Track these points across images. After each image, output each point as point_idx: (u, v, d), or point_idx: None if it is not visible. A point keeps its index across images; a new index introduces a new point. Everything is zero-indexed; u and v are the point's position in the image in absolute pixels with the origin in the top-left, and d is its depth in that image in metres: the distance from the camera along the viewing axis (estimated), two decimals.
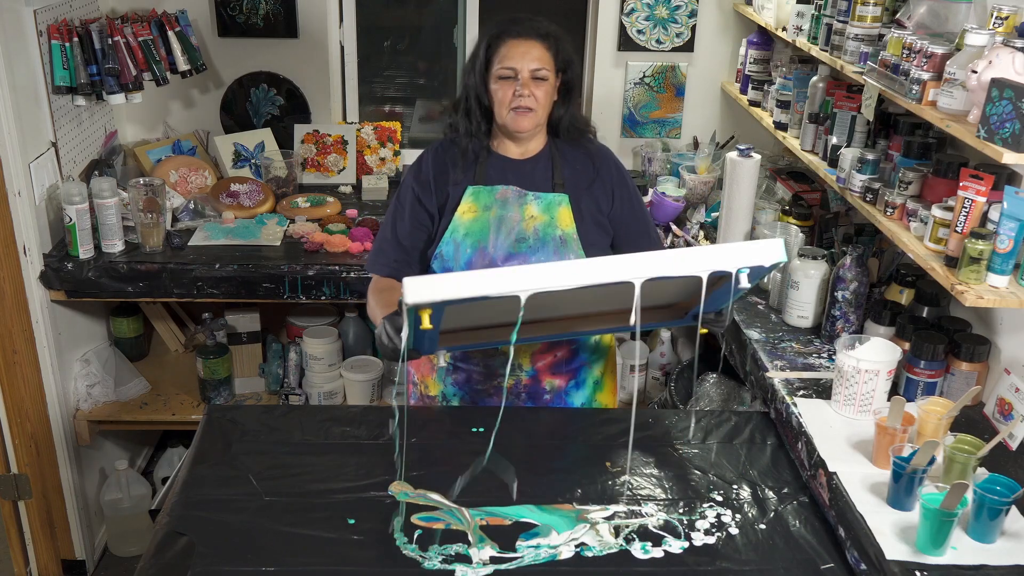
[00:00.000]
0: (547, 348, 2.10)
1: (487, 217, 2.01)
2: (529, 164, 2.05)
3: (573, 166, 2.06)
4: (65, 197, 2.61)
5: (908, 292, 2.23)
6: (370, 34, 3.54)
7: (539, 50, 1.95)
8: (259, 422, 2.01)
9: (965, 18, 2.01)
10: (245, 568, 1.59)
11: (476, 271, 1.71)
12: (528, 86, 1.93)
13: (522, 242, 2.00)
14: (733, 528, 1.72)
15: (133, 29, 2.84)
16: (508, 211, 2.01)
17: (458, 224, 2.02)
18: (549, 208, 2.01)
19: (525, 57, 1.94)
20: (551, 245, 2.00)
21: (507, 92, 1.95)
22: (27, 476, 2.72)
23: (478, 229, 2.01)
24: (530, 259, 1.99)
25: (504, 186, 2.02)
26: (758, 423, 2.07)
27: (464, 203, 2.02)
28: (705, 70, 3.41)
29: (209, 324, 2.95)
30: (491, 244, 2.00)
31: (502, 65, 1.94)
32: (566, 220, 2.01)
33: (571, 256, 2.01)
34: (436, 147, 2.11)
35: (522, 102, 1.94)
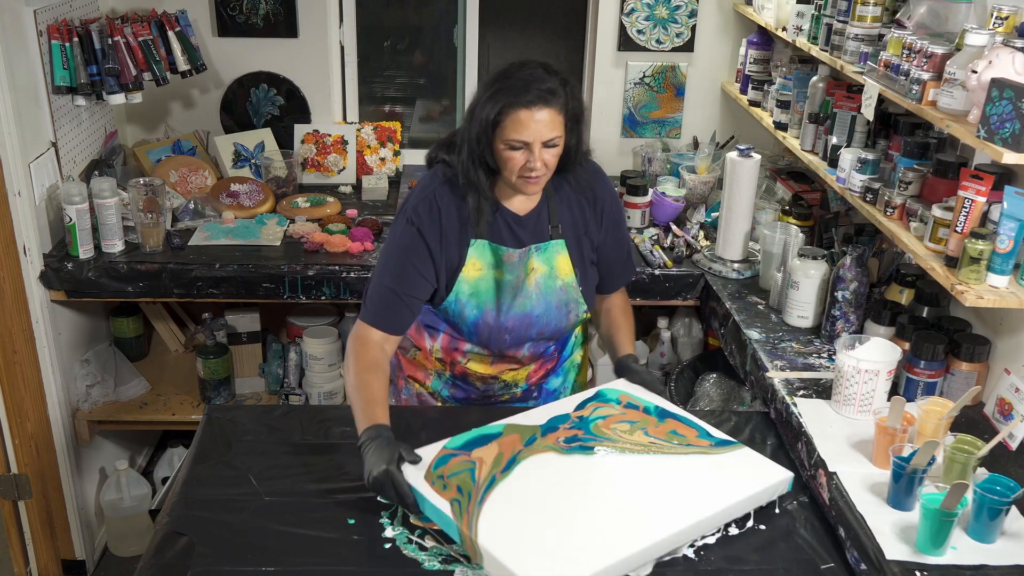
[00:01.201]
0: (540, 366, 2.11)
1: (492, 278, 1.95)
2: (533, 216, 1.97)
3: (570, 207, 1.99)
4: (65, 197, 2.61)
5: (908, 292, 2.23)
6: (370, 34, 3.54)
7: (548, 116, 1.79)
8: (259, 422, 2.01)
9: (965, 18, 2.01)
10: (245, 568, 1.59)
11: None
12: (540, 157, 1.81)
13: (527, 300, 1.96)
14: (733, 528, 1.72)
15: (133, 29, 2.84)
16: (515, 274, 1.95)
17: (463, 283, 1.94)
18: (549, 258, 1.97)
19: (537, 128, 1.78)
20: (553, 297, 1.98)
21: (518, 161, 1.82)
22: (27, 476, 2.72)
23: (484, 290, 1.95)
24: (534, 315, 1.97)
25: (511, 249, 1.94)
26: (758, 423, 2.07)
27: (469, 260, 1.93)
28: (705, 70, 3.41)
29: (209, 324, 2.95)
30: (497, 308, 1.96)
31: (512, 137, 1.79)
32: (565, 268, 1.98)
33: (572, 303, 2.00)
34: (437, 191, 1.92)
35: (533, 174, 1.83)
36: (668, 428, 1.88)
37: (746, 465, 1.79)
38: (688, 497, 1.67)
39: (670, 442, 1.83)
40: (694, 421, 1.91)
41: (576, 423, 1.85)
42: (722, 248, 2.67)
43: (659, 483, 1.71)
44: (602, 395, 1.97)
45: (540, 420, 1.85)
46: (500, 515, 1.57)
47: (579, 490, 1.67)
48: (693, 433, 1.87)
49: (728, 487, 1.71)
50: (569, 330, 2.07)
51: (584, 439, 1.81)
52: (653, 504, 1.65)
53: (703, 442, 1.85)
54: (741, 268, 2.64)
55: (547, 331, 2.01)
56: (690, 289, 2.70)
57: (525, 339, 2.01)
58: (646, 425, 1.87)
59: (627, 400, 1.95)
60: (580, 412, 1.90)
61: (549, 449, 1.76)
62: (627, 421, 1.87)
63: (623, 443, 1.80)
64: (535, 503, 1.62)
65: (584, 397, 1.95)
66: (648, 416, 1.91)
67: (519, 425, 1.82)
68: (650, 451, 1.79)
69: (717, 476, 1.74)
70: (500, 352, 2.04)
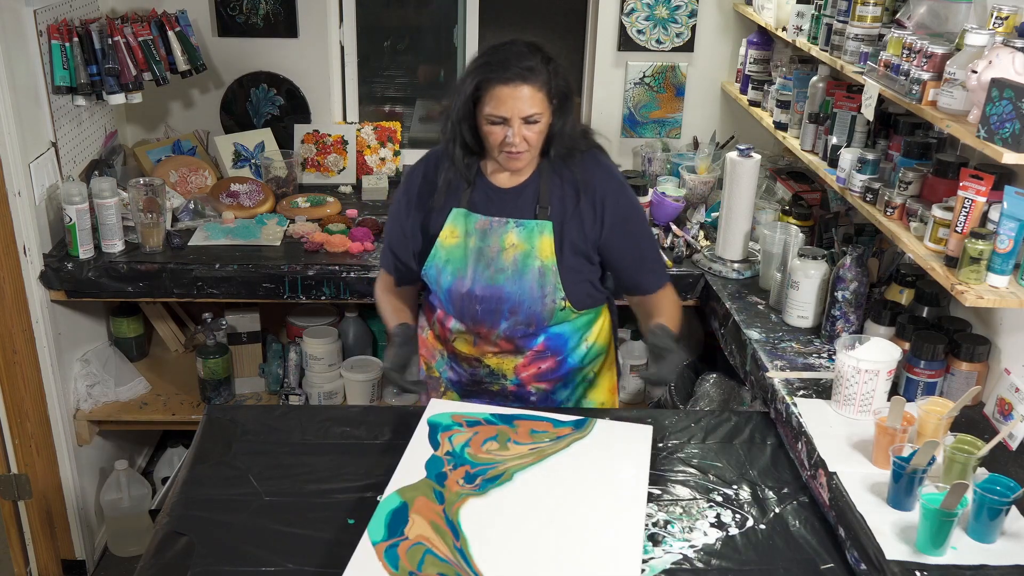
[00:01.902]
0: (530, 361, 2.09)
1: (467, 245, 1.99)
2: (515, 192, 1.99)
3: (561, 190, 1.98)
4: (65, 197, 2.61)
5: (908, 292, 2.23)
6: (370, 34, 3.54)
7: (528, 92, 1.82)
8: (259, 422, 2.02)
9: (965, 18, 2.01)
10: (245, 568, 1.59)
11: None
12: (519, 132, 1.85)
13: (500, 273, 1.98)
14: (733, 528, 1.72)
15: (133, 29, 2.84)
16: (487, 242, 1.98)
17: (440, 249, 2.00)
18: (530, 236, 1.97)
19: (515, 104, 1.82)
20: (529, 276, 1.98)
21: (498, 136, 1.87)
22: (27, 476, 2.72)
23: (458, 258, 2.00)
24: (506, 290, 1.98)
25: (485, 216, 1.98)
26: (758, 423, 2.07)
27: (447, 226, 2.00)
28: (705, 70, 3.41)
29: (209, 324, 2.95)
30: (469, 276, 1.99)
31: (491, 112, 1.84)
32: (546, 250, 1.97)
33: (548, 286, 1.98)
34: (429, 159, 2.06)
35: (513, 148, 1.87)
36: (526, 430, 1.87)
37: (618, 437, 1.86)
38: (620, 488, 1.72)
39: (543, 441, 1.83)
40: (537, 415, 1.92)
41: (453, 459, 1.78)
42: (722, 248, 2.67)
43: (583, 485, 1.73)
44: (437, 424, 1.89)
45: (419, 472, 1.74)
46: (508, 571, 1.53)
47: (538, 518, 1.64)
48: (548, 425, 1.88)
49: (630, 464, 1.78)
50: (547, 316, 2.02)
51: (481, 471, 1.74)
52: (606, 506, 1.68)
53: (565, 429, 1.87)
54: (741, 268, 2.64)
55: (521, 311, 2.00)
56: (690, 289, 2.70)
57: (497, 314, 2.01)
58: (508, 435, 1.85)
59: (464, 419, 1.90)
60: (442, 449, 1.81)
61: (466, 496, 1.68)
62: (489, 439, 1.83)
63: (513, 461, 1.77)
64: (521, 547, 1.57)
65: (424, 432, 1.86)
66: (497, 426, 1.88)
67: (411, 487, 1.70)
68: (542, 457, 1.78)
69: (611, 456, 1.80)
70: (476, 327, 2.05)
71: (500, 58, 1.84)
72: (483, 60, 1.87)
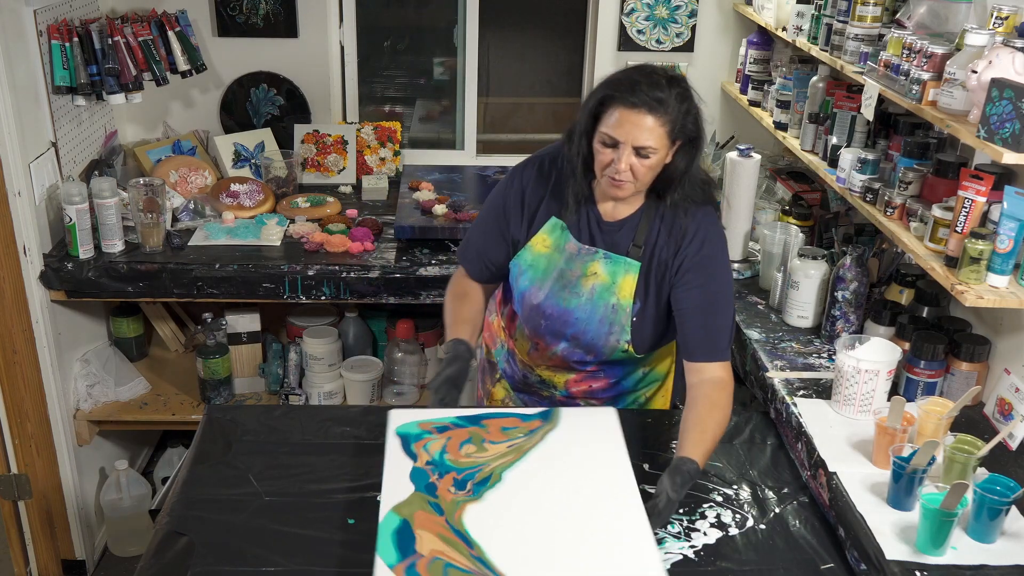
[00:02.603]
0: (583, 379, 2.05)
1: (553, 259, 1.94)
2: (617, 226, 1.91)
3: (659, 234, 1.89)
4: (65, 197, 2.61)
5: (908, 292, 2.23)
6: (370, 34, 3.54)
7: (650, 123, 1.72)
8: (259, 422, 2.02)
9: (965, 18, 2.01)
10: (245, 568, 1.59)
11: None
12: (626, 160, 1.75)
13: (575, 297, 1.93)
14: (733, 528, 1.72)
15: (133, 29, 2.84)
16: (571, 266, 1.93)
17: (527, 251, 1.96)
18: (615, 272, 1.90)
19: (631, 131, 1.72)
20: (602, 309, 1.92)
21: (606, 158, 1.77)
22: (27, 476, 2.72)
23: (541, 267, 1.95)
24: (575, 316, 1.94)
25: (577, 242, 1.92)
26: (758, 423, 2.07)
27: (542, 233, 1.94)
28: (705, 70, 3.41)
29: (209, 324, 2.95)
30: (545, 290, 1.95)
31: (606, 131, 1.75)
32: (626, 289, 1.89)
33: (617, 326, 1.92)
34: (539, 163, 1.97)
35: (617, 176, 1.77)
36: (497, 427, 1.82)
37: (585, 424, 1.83)
38: (606, 471, 1.70)
39: (517, 437, 1.79)
40: (501, 411, 1.89)
41: (436, 468, 1.71)
42: None
43: (571, 474, 1.71)
44: (407, 435, 1.79)
45: (406, 487, 1.67)
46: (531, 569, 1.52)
47: (541, 513, 1.62)
48: (517, 421, 1.83)
49: (608, 447, 1.76)
50: (608, 352, 1.96)
51: (469, 475, 1.70)
52: (601, 491, 1.66)
53: (534, 423, 1.83)
54: (741, 268, 2.64)
55: (583, 339, 1.96)
56: None
57: (560, 335, 1.98)
58: (481, 436, 1.80)
59: (432, 426, 1.81)
60: (421, 459, 1.73)
61: (463, 503, 1.64)
62: (464, 442, 1.78)
63: (495, 461, 1.74)
64: (536, 544, 1.56)
65: (397, 445, 1.76)
66: (467, 428, 1.82)
67: (405, 503, 1.65)
68: (523, 453, 1.75)
69: (587, 442, 1.78)
70: (536, 338, 2.01)
71: (633, 79, 1.75)
72: (615, 78, 1.79)
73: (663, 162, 1.80)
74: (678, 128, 1.76)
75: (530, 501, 1.66)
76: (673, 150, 1.80)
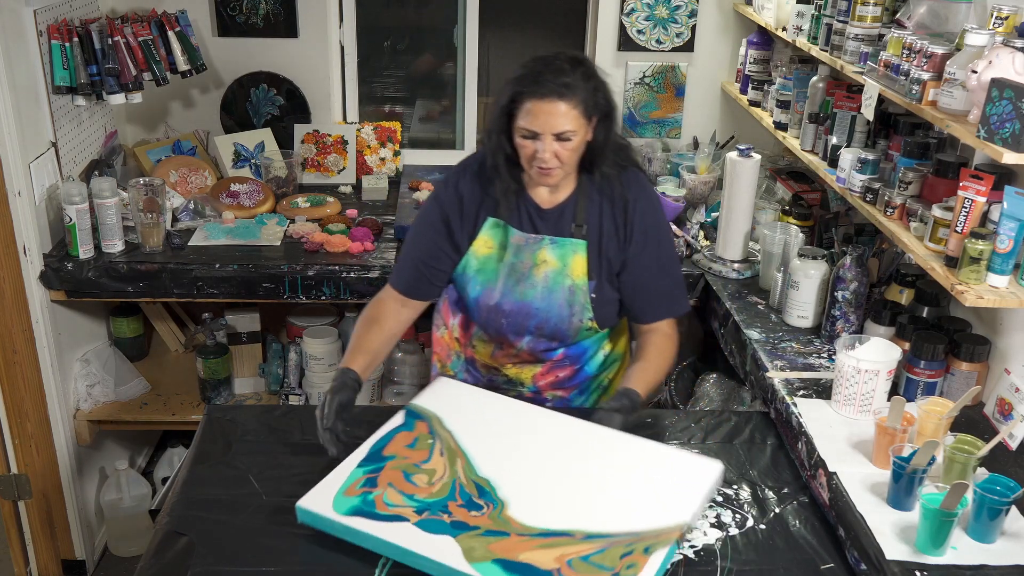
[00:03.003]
0: (548, 370, 2.08)
1: (500, 258, 1.97)
2: (556, 211, 1.96)
3: (599, 208, 1.95)
4: (65, 197, 2.61)
5: (908, 292, 2.23)
6: (370, 34, 3.54)
7: (563, 109, 1.79)
8: (259, 422, 2.02)
9: (965, 18, 2.01)
10: (245, 568, 1.59)
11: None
12: (550, 148, 1.81)
13: (530, 289, 1.96)
14: (733, 528, 1.72)
15: (133, 29, 2.84)
16: (520, 258, 1.96)
17: (472, 258, 1.99)
18: (564, 255, 1.95)
19: (547, 120, 1.79)
20: (559, 294, 1.96)
21: (529, 150, 1.84)
22: (27, 476, 2.72)
23: (490, 269, 1.98)
24: (534, 307, 1.96)
25: (521, 232, 1.96)
26: (758, 423, 2.07)
27: (482, 235, 1.98)
28: (705, 70, 3.41)
29: (209, 324, 2.95)
30: (498, 289, 1.98)
31: (523, 126, 1.81)
32: (578, 269, 1.95)
33: (577, 306, 1.96)
34: (471, 168, 2.00)
35: (543, 164, 1.83)
36: (402, 446, 1.79)
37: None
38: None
39: (428, 443, 1.78)
40: (381, 436, 1.82)
41: (423, 508, 1.63)
42: (722, 248, 2.67)
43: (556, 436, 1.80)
44: (354, 509, 1.64)
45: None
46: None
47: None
48: (405, 434, 1.82)
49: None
50: (572, 334, 2.02)
51: (464, 497, 1.65)
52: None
53: (420, 424, 1.85)
54: (741, 268, 2.64)
55: (546, 328, 2.00)
56: (690, 289, 2.70)
57: (523, 329, 2.01)
58: (404, 465, 1.73)
59: (356, 489, 1.68)
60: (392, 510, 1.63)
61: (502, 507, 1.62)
62: (406, 476, 1.70)
63: (448, 470, 1.70)
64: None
65: (360, 523, 1.61)
66: (385, 467, 1.73)
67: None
68: (459, 453, 1.74)
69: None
70: (499, 338, 2.04)
71: (536, 71, 1.80)
72: (521, 72, 1.83)
73: (584, 141, 1.87)
74: (591, 106, 1.83)
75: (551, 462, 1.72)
76: (591, 127, 1.87)
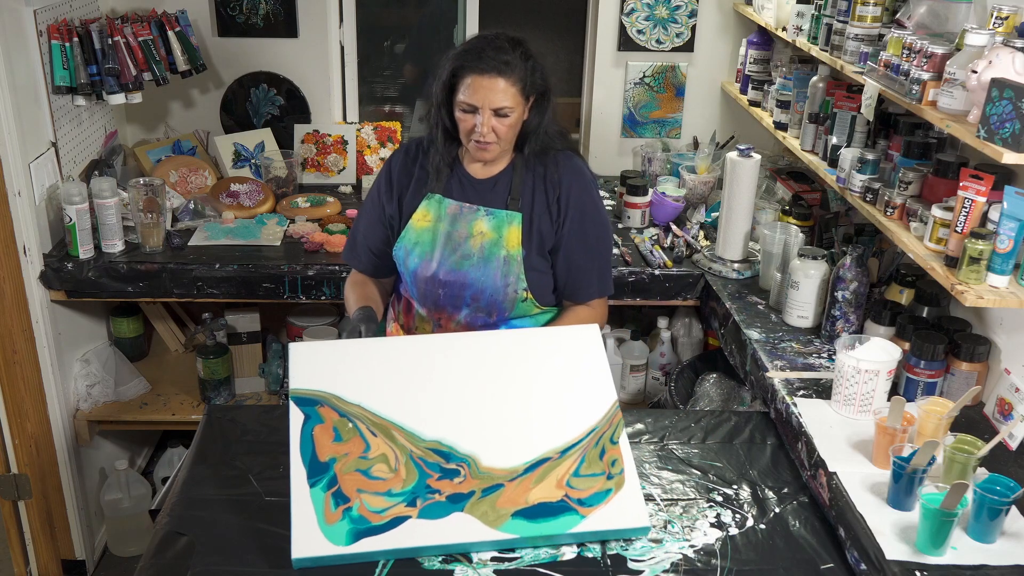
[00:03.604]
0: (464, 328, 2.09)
1: (437, 229, 2.02)
2: (489, 183, 2.03)
3: (532, 185, 2.01)
4: (65, 197, 2.61)
5: (908, 292, 2.23)
6: (370, 34, 3.54)
7: (502, 85, 1.86)
8: (259, 422, 2.02)
9: (965, 18, 2.01)
10: (245, 568, 1.59)
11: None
12: (488, 123, 1.88)
13: (466, 259, 2.00)
14: (733, 528, 1.72)
15: (133, 29, 2.84)
16: (456, 227, 2.01)
17: (410, 230, 2.04)
18: (499, 226, 2.00)
19: (486, 95, 1.86)
20: (495, 263, 2.00)
21: (468, 124, 1.91)
22: (27, 476, 2.72)
23: (427, 240, 2.02)
24: (470, 277, 2.00)
25: (455, 202, 2.02)
26: (758, 423, 2.07)
27: (420, 210, 2.03)
28: (705, 70, 3.41)
29: (209, 324, 2.95)
30: (435, 259, 2.01)
31: (463, 99, 1.88)
32: (513, 240, 1.99)
33: (512, 276, 1.99)
34: (407, 147, 2.10)
35: (481, 138, 1.90)
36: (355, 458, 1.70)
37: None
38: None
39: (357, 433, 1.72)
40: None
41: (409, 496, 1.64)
42: (722, 248, 2.67)
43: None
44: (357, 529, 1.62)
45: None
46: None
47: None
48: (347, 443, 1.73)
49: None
50: (508, 306, 2.03)
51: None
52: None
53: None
54: (741, 268, 2.64)
55: (482, 298, 2.02)
56: (690, 289, 2.70)
57: (460, 300, 2.03)
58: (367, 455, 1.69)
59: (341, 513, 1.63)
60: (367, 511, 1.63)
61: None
62: (364, 473, 1.67)
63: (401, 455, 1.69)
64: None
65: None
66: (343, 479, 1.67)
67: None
68: (413, 441, 1.71)
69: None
70: (438, 313, 2.06)
71: (478, 47, 1.88)
72: (463, 48, 1.91)
73: (521, 119, 1.94)
74: (528, 85, 1.90)
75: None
76: (528, 106, 1.94)
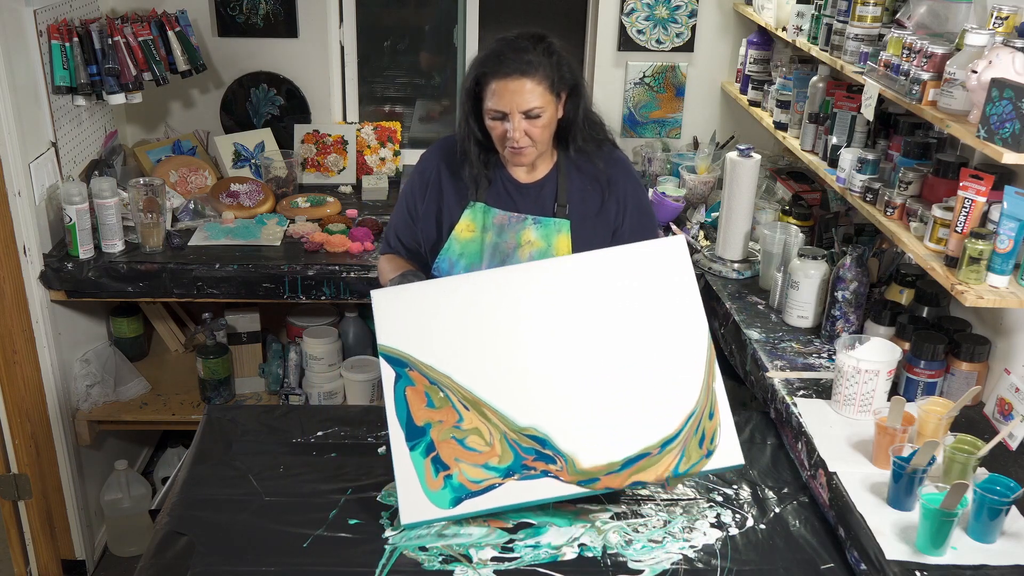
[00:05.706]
0: None
1: (483, 240, 1.97)
2: (536, 187, 1.97)
3: (582, 189, 1.96)
4: (65, 197, 2.61)
5: (908, 292, 2.23)
6: (370, 34, 3.54)
7: (528, 86, 1.79)
8: (259, 422, 2.02)
9: (965, 18, 2.01)
10: (245, 568, 1.59)
11: None
12: (519, 127, 1.82)
13: None
14: (733, 528, 1.72)
15: (133, 29, 2.84)
16: (504, 237, 1.96)
17: (454, 242, 1.98)
18: (548, 235, 1.95)
19: (512, 98, 1.80)
20: None
21: (499, 131, 1.85)
22: (27, 476, 2.72)
23: (473, 252, 1.98)
24: None
25: (503, 211, 1.96)
26: (758, 423, 2.07)
27: (464, 220, 1.97)
28: (705, 70, 3.41)
29: (209, 324, 2.95)
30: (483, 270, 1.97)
31: (491, 107, 1.83)
32: (563, 248, 1.94)
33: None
34: (447, 146, 2.02)
35: (515, 144, 1.84)
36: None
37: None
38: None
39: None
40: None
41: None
42: (722, 248, 2.67)
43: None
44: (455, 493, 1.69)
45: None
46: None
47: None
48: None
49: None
50: None
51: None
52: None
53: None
54: (741, 268, 2.64)
55: None
56: None
57: None
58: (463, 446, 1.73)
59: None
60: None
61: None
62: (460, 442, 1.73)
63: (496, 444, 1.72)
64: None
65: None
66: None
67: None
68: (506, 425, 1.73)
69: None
70: None
71: (498, 51, 1.83)
72: (483, 54, 1.86)
73: (555, 117, 1.88)
74: (556, 81, 1.84)
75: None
76: (561, 104, 1.88)
